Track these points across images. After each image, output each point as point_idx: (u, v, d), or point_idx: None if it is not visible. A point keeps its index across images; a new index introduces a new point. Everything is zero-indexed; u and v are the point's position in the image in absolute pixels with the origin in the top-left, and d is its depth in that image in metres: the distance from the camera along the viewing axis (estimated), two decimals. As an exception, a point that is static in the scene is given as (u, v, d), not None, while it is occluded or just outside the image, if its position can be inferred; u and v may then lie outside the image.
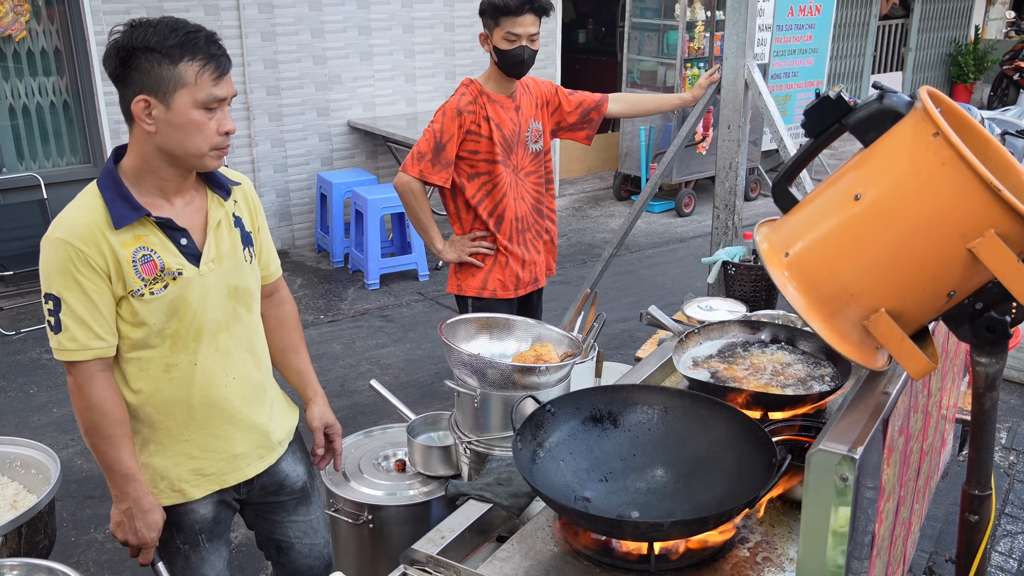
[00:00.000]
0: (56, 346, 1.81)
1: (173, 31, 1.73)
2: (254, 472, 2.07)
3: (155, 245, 1.82)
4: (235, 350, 1.97)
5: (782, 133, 3.39)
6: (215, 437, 1.98)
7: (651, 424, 1.85)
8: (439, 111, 3.09)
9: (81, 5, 5.69)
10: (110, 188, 1.80)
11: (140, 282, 1.80)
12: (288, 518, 2.19)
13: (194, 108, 1.74)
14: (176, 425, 1.94)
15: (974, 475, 1.62)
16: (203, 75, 1.73)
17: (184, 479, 1.96)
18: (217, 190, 1.95)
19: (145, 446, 1.95)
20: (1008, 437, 4.12)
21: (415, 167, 3.07)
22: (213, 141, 1.79)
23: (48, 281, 1.79)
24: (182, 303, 1.85)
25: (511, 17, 2.98)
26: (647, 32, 8.06)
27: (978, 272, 1.32)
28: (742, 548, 1.69)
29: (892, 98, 1.41)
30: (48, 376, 4.78)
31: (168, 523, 1.98)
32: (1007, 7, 13.69)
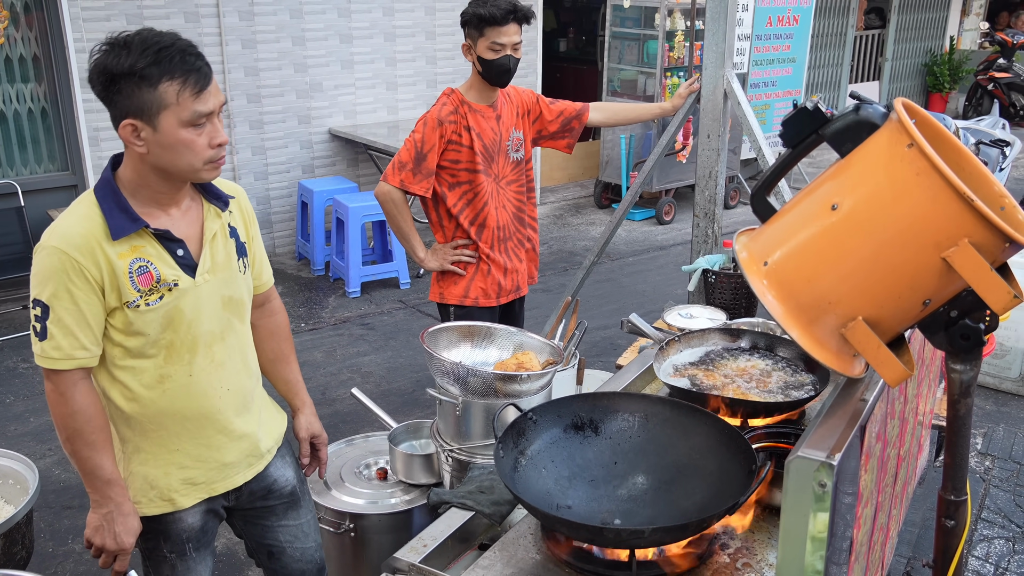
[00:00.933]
0: (39, 352, 1.79)
1: (145, 50, 1.66)
2: (243, 480, 2.06)
3: (151, 256, 1.81)
4: (229, 361, 1.96)
5: (761, 142, 3.43)
6: (206, 447, 1.97)
7: (632, 431, 1.86)
8: (420, 121, 3.10)
9: (60, 12, 5.66)
10: (108, 198, 1.78)
11: (136, 293, 1.79)
12: (278, 523, 2.18)
13: (181, 128, 1.71)
14: (168, 435, 1.93)
15: (950, 481, 1.64)
16: (184, 93, 1.69)
17: (174, 488, 1.95)
18: (214, 201, 1.94)
19: (135, 454, 1.93)
20: (984, 442, 4.17)
21: (396, 176, 3.08)
22: (205, 156, 1.77)
23: (39, 287, 1.77)
24: (177, 314, 1.84)
25: (495, 27, 2.99)
26: (627, 41, 8.12)
27: (953, 281, 1.34)
28: (723, 554, 1.71)
29: (868, 109, 1.43)
30: (25, 385, 4.73)
31: (155, 531, 1.97)
32: (981, 18, 13.89)
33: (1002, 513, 3.63)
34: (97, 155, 5.97)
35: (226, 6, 6.24)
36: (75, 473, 3.88)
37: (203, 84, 1.71)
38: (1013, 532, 3.51)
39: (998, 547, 3.42)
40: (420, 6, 7.27)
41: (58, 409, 1.82)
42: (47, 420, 4.35)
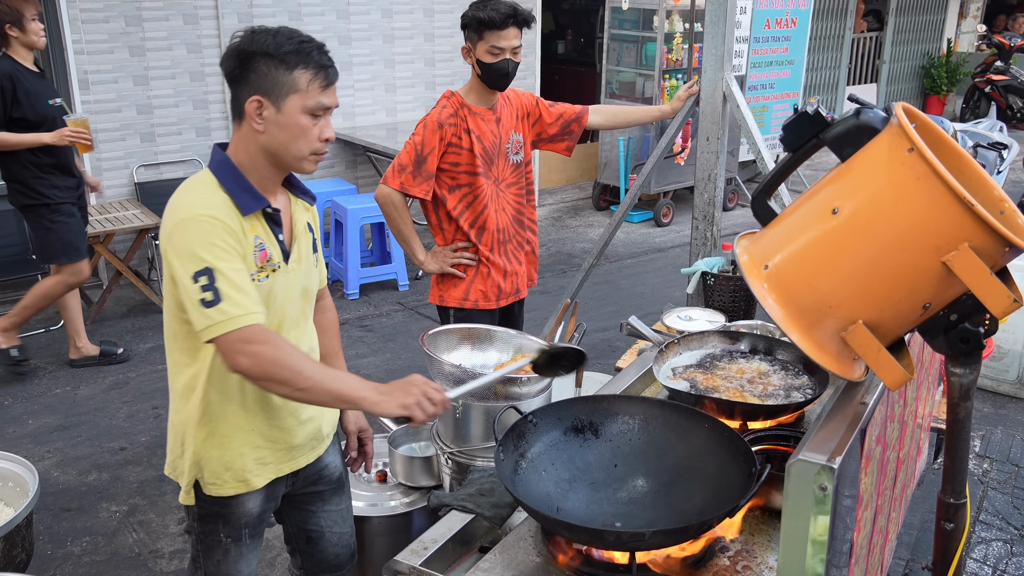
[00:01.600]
0: (220, 318, 1.73)
1: (289, 39, 1.81)
2: (306, 462, 2.12)
3: (263, 236, 1.89)
4: (303, 345, 2.04)
5: (759, 145, 3.43)
6: (279, 428, 2.02)
7: (632, 434, 1.86)
8: (420, 123, 3.10)
9: (59, 13, 5.65)
10: (228, 178, 1.86)
11: (256, 267, 1.87)
12: (323, 508, 2.23)
13: (302, 113, 1.82)
14: (247, 415, 1.97)
15: (949, 484, 1.64)
16: (314, 83, 1.81)
17: (248, 468, 2.00)
18: (302, 196, 2.06)
19: (210, 438, 1.96)
20: (982, 445, 4.18)
21: (396, 179, 3.08)
22: (314, 146, 1.86)
23: (194, 258, 1.75)
24: (272, 296, 1.91)
25: (495, 31, 3.00)
26: (626, 44, 8.12)
27: (952, 284, 1.35)
28: (722, 557, 1.71)
29: (868, 114, 1.44)
30: (23, 387, 4.73)
31: (216, 515, 2.02)
32: (978, 21, 13.91)
33: (1000, 515, 3.64)
34: (95, 157, 5.97)
35: (225, 8, 6.24)
36: (74, 475, 3.88)
37: (331, 81, 1.85)
38: (1011, 534, 3.52)
39: (996, 549, 3.43)
40: (419, 8, 7.27)
41: (265, 370, 1.76)
42: (45, 422, 4.35)
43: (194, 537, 2.08)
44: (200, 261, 1.75)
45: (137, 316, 5.71)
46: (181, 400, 1.99)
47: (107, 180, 6.05)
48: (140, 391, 4.70)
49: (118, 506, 3.67)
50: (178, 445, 2.03)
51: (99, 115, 5.93)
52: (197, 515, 2.04)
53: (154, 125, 6.15)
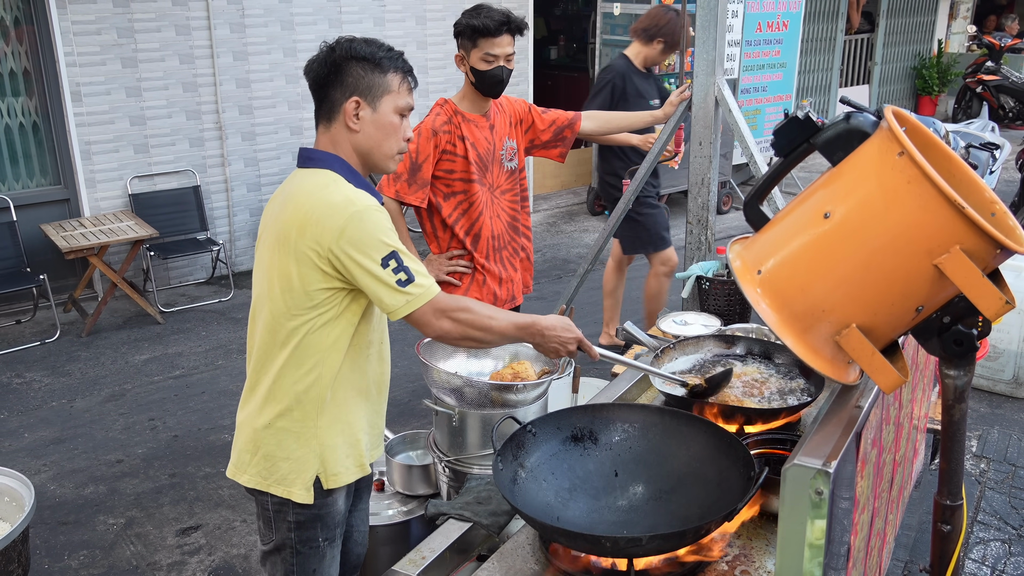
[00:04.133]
0: (419, 291, 1.89)
1: (380, 46, 1.98)
2: (379, 454, 2.19)
3: None
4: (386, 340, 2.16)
5: (752, 149, 3.44)
6: (377, 414, 2.13)
7: (631, 442, 1.87)
8: (414, 131, 3.10)
9: (51, 26, 5.65)
10: (352, 175, 1.98)
11: None
12: (357, 506, 2.25)
13: (394, 113, 1.97)
14: (360, 400, 2.05)
15: (945, 485, 1.65)
16: (403, 85, 1.98)
17: (362, 453, 2.07)
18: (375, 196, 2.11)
19: (335, 423, 2.01)
20: (978, 445, 4.19)
21: (391, 187, 3.08)
22: (401, 144, 2.02)
23: (382, 242, 1.87)
24: None
25: (489, 38, 3.00)
26: (618, 48, 8.12)
27: (945, 287, 1.35)
28: (720, 561, 1.71)
29: (858, 118, 1.44)
30: (19, 401, 4.72)
31: (314, 518, 2.03)
32: (969, 21, 13.97)
33: (997, 515, 3.65)
34: (89, 169, 5.97)
35: (217, 18, 6.24)
36: (70, 488, 3.87)
37: (415, 83, 2.03)
38: (1009, 534, 3.52)
39: (994, 549, 3.43)
40: (411, 16, 7.29)
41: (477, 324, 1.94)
42: (41, 435, 4.34)
43: (287, 552, 2.04)
44: (385, 247, 1.87)
45: (132, 328, 5.70)
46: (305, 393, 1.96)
47: (101, 192, 6.05)
48: (136, 403, 4.69)
49: (115, 519, 3.66)
50: (287, 445, 1.98)
51: (92, 127, 5.92)
52: (295, 524, 2.02)
53: (147, 136, 6.15)
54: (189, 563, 3.37)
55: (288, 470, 1.99)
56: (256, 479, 2.02)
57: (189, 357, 5.28)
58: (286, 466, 1.99)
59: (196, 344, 5.45)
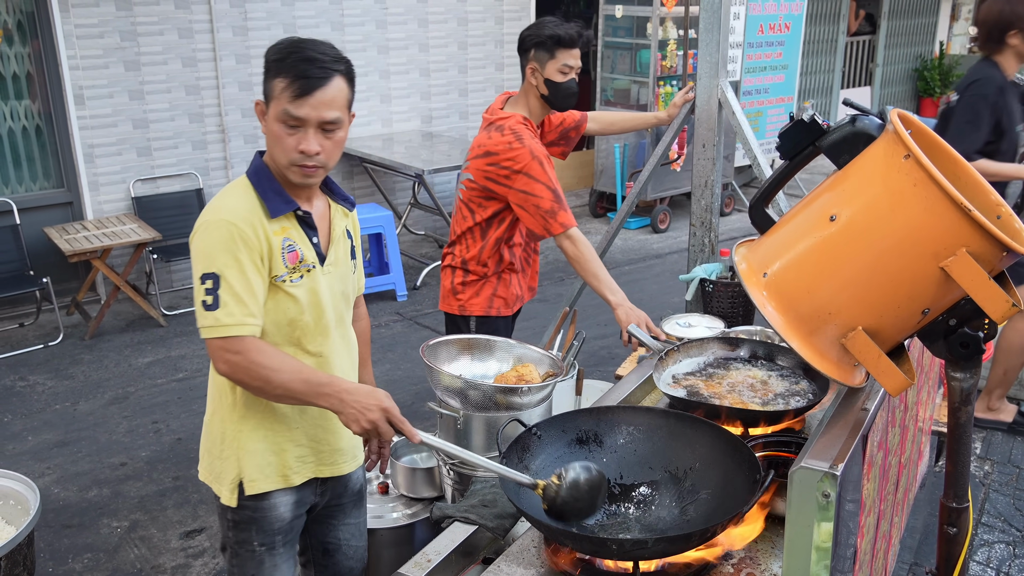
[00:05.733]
0: (212, 323, 1.83)
1: (282, 48, 1.88)
2: (347, 471, 2.14)
3: (295, 238, 1.94)
4: (343, 350, 2.10)
5: (755, 151, 3.44)
6: (324, 429, 2.06)
7: (636, 445, 1.86)
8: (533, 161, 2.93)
9: (53, 29, 5.66)
10: (262, 182, 1.93)
11: (285, 268, 1.91)
12: (343, 520, 2.24)
13: (275, 120, 1.87)
14: (293, 412, 2.00)
15: (951, 488, 1.65)
16: (285, 92, 1.84)
17: (288, 464, 2.02)
18: (342, 202, 2.11)
19: (255, 431, 1.99)
20: (983, 447, 4.18)
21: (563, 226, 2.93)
22: (291, 156, 1.88)
23: (208, 261, 1.85)
24: (314, 296, 1.97)
25: (568, 49, 2.97)
26: (620, 51, 8.15)
27: (951, 290, 1.35)
28: (726, 564, 1.71)
29: (864, 121, 1.44)
30: (22, 404, 4.72)
31: (249, 520, 2.03)
32: (970, 23, 13.96)
33: (1002, 517, 3.64)
34: (92, 172, 5.98)
35: (220, 21, 6.26)
36: (74, 491, 3.88)
37: (304, 91, 1.84)
38: (1013, 536, 3.52)
39: (999, 551, 3.43)
40: (413, 19, 7.29)
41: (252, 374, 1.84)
42: (45, 438, 4.34)
43: (229, 552, 2.08)
44: (210, 264, 1.84)
45: (135, 331, 5.71)
46: (224, 396, 2.00)
47: (104, 195, 6.06)
48: (140, 406, 4.69)
49: (119, 522, 3.66)
50: (217, 445, 2.03)
51: (95, 130, 5.93)
52: (232, 523, 2.04)
53: (150, 139, 6.16)
54: (193, 566, 3.37)
55: (220, 469, 2.03)
56: (204, 473, 2.09)
57: (192, 360, 5.28)
58: (218, 465, 2.03)
59: (199, 347, 5.46)
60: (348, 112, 1.96)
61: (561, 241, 2.96)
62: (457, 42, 7.63)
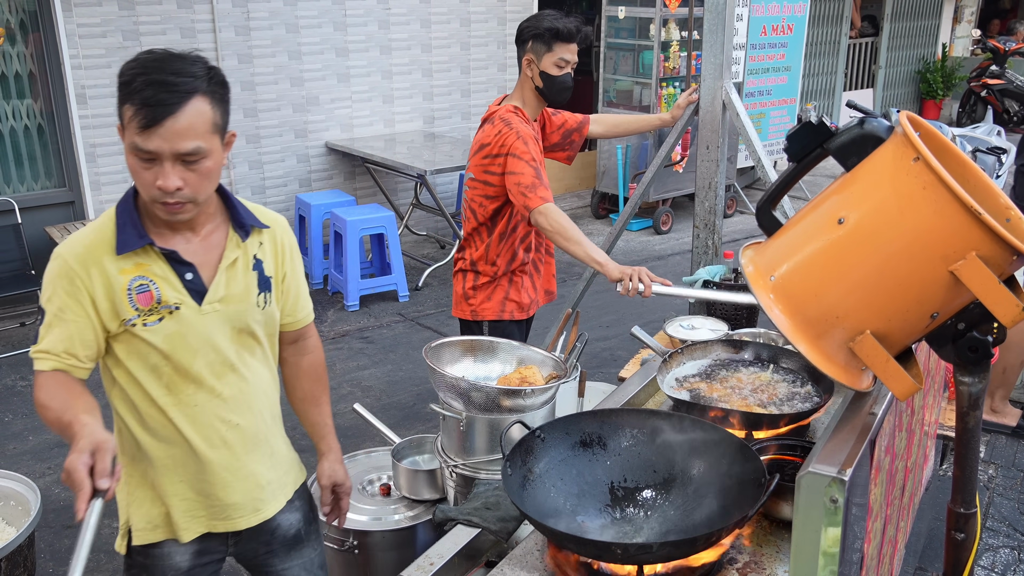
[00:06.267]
0: (32, 354, 1.76)
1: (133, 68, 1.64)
2: (245, 525, 1.97)
3: (156, 276, 1.77)
4: (239, 394, 1.89)
5: (759, 152, 3.43)
6: (210, 483, 1.89)
7: (641, 447, 1.85)
8: (518, 140, 2.93)
9: (56, 28, 5.66)
10: (124, 213, 1.77)
11: (134, 311, 1.75)
12: (282, 564, 2.09)
13: (129, 152, 1.67)
14: (173, 464, 1.87)
15: (959, 493, 1.63)
16: (133, 122, 1.63)
17: (174, 519, 1.90)
18: (238, 229, 1.87)
19: (144, 477, 1.89)
20: (987, 451, 4.17)
21: (540, 200, 2.90)
22: (151, 193, 1.68)
23: (43, 292, 1.78)
24: (180, 340, 1.79)
25: (565, 43, 2.96)
26: (622, 52, 8.14)
27: (960, 293, 1.34)
28: (731, 569, 1.70)
29: (872, 123, 1.43)
30: (24, 404, 4.71)
31: (140, 565, 1.91)
32: (973, 25, 13.96)
33: (1007, 522, 3.63)
34: (94, 171, 5.97)
35: (222, 21, 6.25)
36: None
37: (151, 121, 1.61)
38: (1018, 541, 3.50)
39: (1003, 556, 3.41)
40: (416, 19, 7.29)
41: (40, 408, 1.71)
42: (47, 439, 4.33)
43: None
44: (42, 296, 1.77)
45: (137, 330, 5.70)
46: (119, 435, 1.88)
47: (106, 194, 6.05)
48: (141, 406, 4.68)
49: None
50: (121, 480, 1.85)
51: (97, 129, 5.93)
52: (124, 565, 1.93)
53: (152, 139, 6.15)
54: (194, 567, 3.36)
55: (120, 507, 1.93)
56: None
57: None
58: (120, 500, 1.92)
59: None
60: (218, 136, 1.71)
61: (536, 217, 2.92)
62: (460, 42, 7.62)
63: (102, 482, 1.50)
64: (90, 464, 1.51)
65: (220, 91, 1.72)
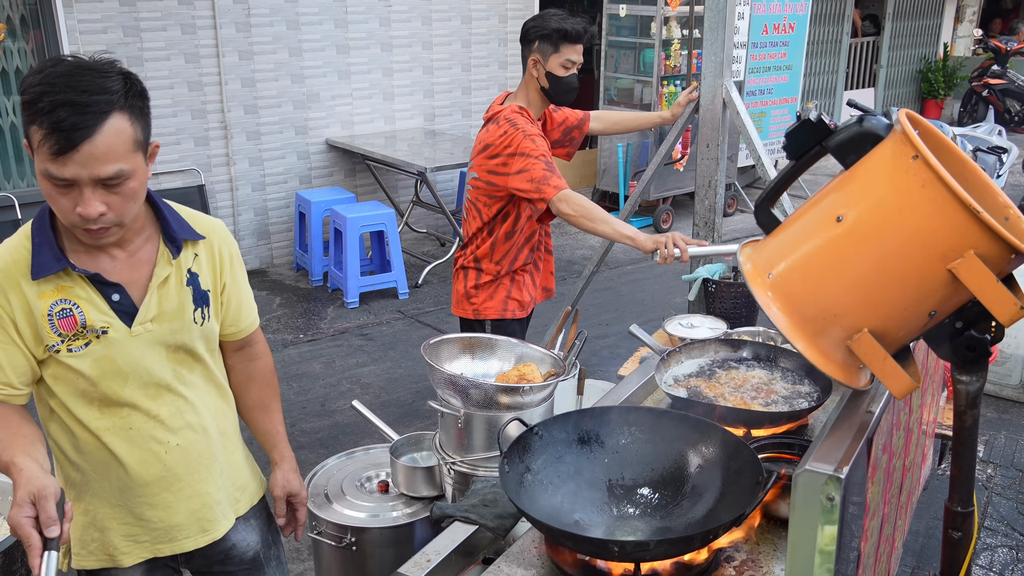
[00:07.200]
0: None
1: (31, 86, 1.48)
2: (193, 546, 1.88)
3: (80, 299, 1.65)
4: (179, 414, 1.80)
5: (759, 151, 3.43)
6: (150, 506, 1.80)
7: (638, 445, 1.85)
8: (523, 138, 2.93)
9: (57, 24, 5.66)
10: (40, 232, 1.63)
11: (56, 337, 1.64)
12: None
13: (41, 176, 1.52)
14: (111, 488, 1.78)
15: (956, 492, 1.63)
16: (43, 147, 1.47)
17: (114, 544, 1.81)
18: (169, 244, 1.74)
19: (80, 499, 1.80)
20: (985, 450, 4.17)
21: (558, 182, 2.89)
22: (70, 219, 1.55)
23: None
24: (109, 364, 1.69)
25: (572, 44, 2.96)
26: (623, 50, 8.14)
27: (958, 292, 1.34)
28: (728, 567, 1.70)
29: (872, 121, 1.43)
30: (23, 399, 4.71)
31: None
32: (975, 25, 13.94)
33: (1005, 521, 3.63)
34: (94, 167, 5.97)
35: (223, 18, 6.25)
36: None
37: (64, 147, 1.46)
38: (1016, 540, 3.50)
39: (1002, 556, 3.41)
40: (417, 16, 7.28)
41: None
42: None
43: None
44: None
45: (136, 326, 5.70)
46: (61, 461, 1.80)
47: (106, 190, 6.05)
48: (140, 402, 4.68)
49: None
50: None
51: (97, 125, 5.92)
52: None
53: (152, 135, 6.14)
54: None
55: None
56: None
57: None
58: None
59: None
60: (140, 152, 1.58)
61: (556, 206, 2.91)
62: (461, 40, 7.62)
63: (51, 531, 1.42)
64: (33, 515, 1.43)
65: (139, 103, 1.59)
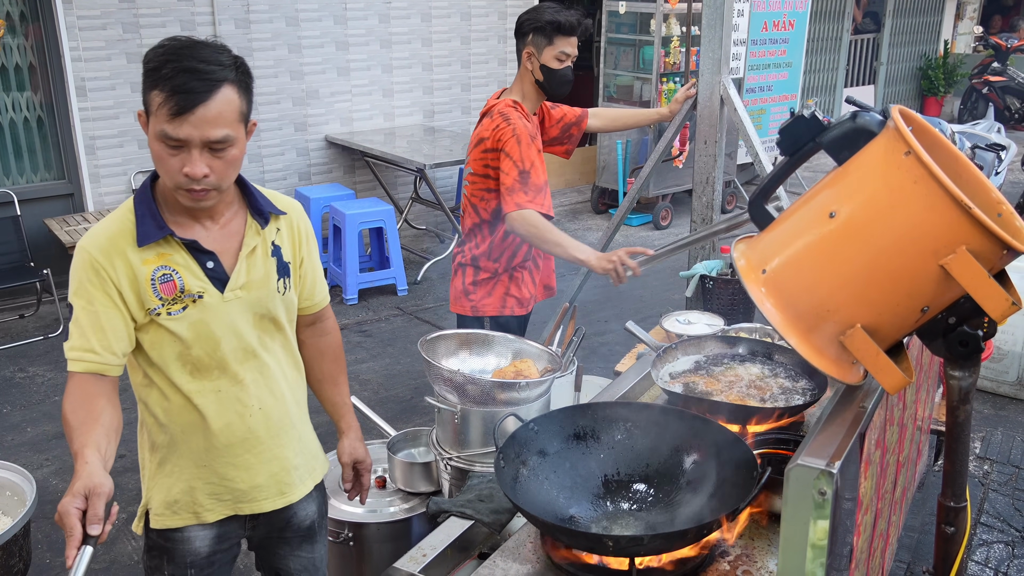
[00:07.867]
0: (66, 355, 1.75)
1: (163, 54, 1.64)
2: (271, 507, 1.99)
3: (179, 265, 1.78)
4: (262, 379, 1.92)
5: (757, 148, 3.43)
6: (234, 467, 1.92)
7: (634, 441, 1.86)
8: (512, 138, 2.91)
9: (56, 20, 5.66)
10: (142, 204, 1.78)
11: (158, 301, 1.76)
12: (291, 552, 2.12)
13: (155, 139, 1.66)
14: (198, 449, 1.89)
15: (949, 487, 1.64)
16: (163, 108, 1.63)
17: (200, 502, 1.92)
18: (256, 216, 1.88)
19: (163, 465, 1.90)
20: (982, 447, 4.17)
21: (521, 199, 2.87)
22: (176, 180, 1.69)
23: (71, 288, 1.77)
24: (203, 328, 1.81)
25: (566, 37, 2.95)
26: (623, 47, 8.13)
27: (951, 288, 1.35)
28: (722, 562, 1.71)
29: (865, 117, 1.43)
30: (22, 395, 4.72)
31: (161, 549, 1.93)
32: (975, 22, 13.93)
33: (1001, 517, 3.63)
34: (93, 164, 5.97)
35: (222, 14, 6.25)
36: (73, 483, 3.87)
37: (181, 109, 1.62)
38: (1012, 536, 3.51)
39: (997, 551, 3.42)
40: (416, 13, 7.28)
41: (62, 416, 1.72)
42: (44, 430, 4.34)
43: (145, 572, 1.98)
44: (71, 292, 1.76)
45: (136, 323, 5.70)
46: (143, 421, 1.92)
47: (105, 187, 6.06)
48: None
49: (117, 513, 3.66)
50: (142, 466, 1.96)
51: (96, 122, 5.93)
52: (145, 546, 1.96)
53: (152, 131, 6.15)
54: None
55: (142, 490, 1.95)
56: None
57: (192, 353, 5.27)
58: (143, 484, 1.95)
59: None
60: (243, 124, 1.73)
61: (509, 223, 2.88)
62: (460, 37, 7.62)
63: (93, 528, 1.49)
64: (83, 508, 1.50)
65: (246, 80, 1.73)
